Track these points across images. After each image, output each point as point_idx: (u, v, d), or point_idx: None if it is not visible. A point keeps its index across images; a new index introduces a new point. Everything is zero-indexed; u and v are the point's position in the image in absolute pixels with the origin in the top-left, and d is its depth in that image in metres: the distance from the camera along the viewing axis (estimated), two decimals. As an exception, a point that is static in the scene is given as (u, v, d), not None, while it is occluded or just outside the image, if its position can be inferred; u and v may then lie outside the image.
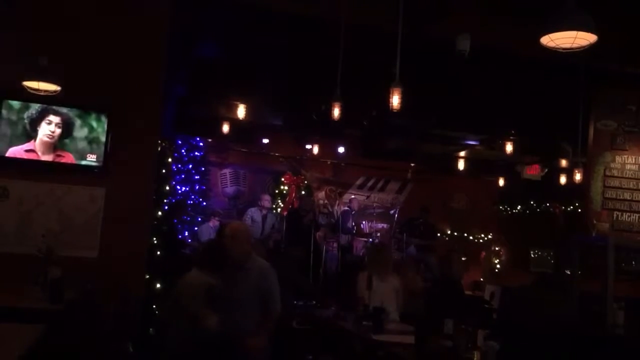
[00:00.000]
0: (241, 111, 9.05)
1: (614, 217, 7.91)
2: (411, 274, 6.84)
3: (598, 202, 7.97)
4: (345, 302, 6.26)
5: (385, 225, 12.11)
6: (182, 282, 4.40)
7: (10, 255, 5.48)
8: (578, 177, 8.33)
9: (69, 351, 4.20)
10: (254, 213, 10.44)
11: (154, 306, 6.43)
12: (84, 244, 5.72)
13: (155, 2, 6.10)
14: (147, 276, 6.24)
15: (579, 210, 10.29)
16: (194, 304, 4.15)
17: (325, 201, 12.28)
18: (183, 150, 10.91)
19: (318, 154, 11.91)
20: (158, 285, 6.53)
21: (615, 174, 8.01)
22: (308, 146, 11.78)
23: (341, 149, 11.77)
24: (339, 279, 9.67)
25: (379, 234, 11.23)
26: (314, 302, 7.87)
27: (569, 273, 8.00)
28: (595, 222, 7.71)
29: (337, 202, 12.39)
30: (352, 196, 12.18)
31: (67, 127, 5.75)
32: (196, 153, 11.23)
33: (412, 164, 12.79)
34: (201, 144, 11.33)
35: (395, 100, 5.01)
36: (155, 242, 6.62)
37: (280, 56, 7.51)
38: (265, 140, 11.53)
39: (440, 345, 3.87)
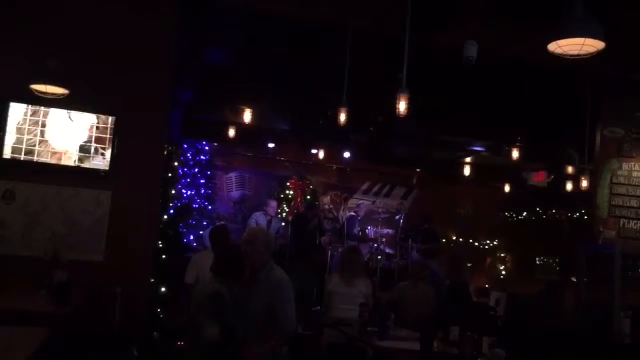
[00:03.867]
0: (247, 116, 9.06)
1: (621, 225, 7.86)
2: (422, 285, 6.78)
3: (605, 209, 7.92)
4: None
5: (390, 231, 12.07)
6: (195, 288, 4.34)
7: (16, 258, 5.49)
8: (585, 184, 8.30)
9: (74, 355, 4.20)
10: (258, 217, 10.42)
11: (159, 310, 6.43)
12: (89, 247, 5.73)
13: (163, 7, 6.12)
14: (152, 280, 6.25)
15: (585, 217, 10.25)
16: (200, 312, 4.05)
17: (331, 206, 12.26)
18: (189, 154, 10.91)
19: (323, 159, 11.90)
20: (163, 289, 6.53)
21: (622, 181, 7.96)
22: (314, 151, 11.77)
23: (347, 154, 11.75)
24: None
25: (384, 239, 11.20)
26: (319, 307, 7.85)
27: (575, 280, 7.97)
28: (601, 229, 7.67)
29: (342, 207, 12.37)
30: (360, 201, 12.16)
31: (73, 130, 5.77)
32: (202, 157, 11.22)
33: (418, 170, 12.77)
34: (207, 147, 11.33)
35: (402, 106, 5.01)
36: (161, 245, 6.63)
37: (287, 61, 7.52)
38: (271, 145, 11.53)
39: (446, 352, 3.85)
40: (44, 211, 5.69)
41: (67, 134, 5.75)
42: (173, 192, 7.62)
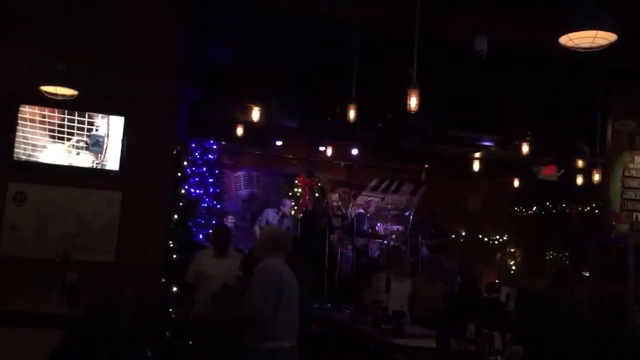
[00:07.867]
0: (255, 114, 9.01)
1: (634, 218, 7.80)
2: (439, 281, 6.79)
3: (617, 203, 7.86)
4: (360, 304, 6.20)
5: (400, 227, 12.02)
6: None
7: (27, 260, 5.50)
8: (596, 177, 8.23)
9: (89, 356, 4.20)
10: (270, 214, 10.40)
11: (171, 310, 6.42)
12: (101, 248, 5.73)
13: (169, 6, 6.10)
14: (163, 280, 6.24)
15: (596, 211, 10.17)
16: None
17: (339, 203, 12.22)
18: (197, 153, 10.90)
19: (331, 156, 11.85)
20: (174, 289, 6.53)
21: (634, 174, 7.90)
22: (321, 148, 11.73)
23: (355, 151, 11.71)
24: (354, 281, 9.61)
25: (394, 236, 11.15)
26: (329, 304, 7.83)
27: (586, 275, 7.92)
28: (614, 223, 7.62)
29: (351, 204, 12.33)
30: (369, 198, 12.09)
31: (82, 132, 5.77)
32: (210, 156, 11.21)
33: (426, 165, 12.70)
34: (215, 146, 11.32)
35: (413, 102, 4.97)
36: (172, 245, 6.62)
37: (294, 58, 7.48)
38: (279, 143, 11.49)
39: (463, 349, 3.82)
40: (55, 213, 5.69)
41: (76, 136, 5.75)
42: (182, 191, 7.60)
